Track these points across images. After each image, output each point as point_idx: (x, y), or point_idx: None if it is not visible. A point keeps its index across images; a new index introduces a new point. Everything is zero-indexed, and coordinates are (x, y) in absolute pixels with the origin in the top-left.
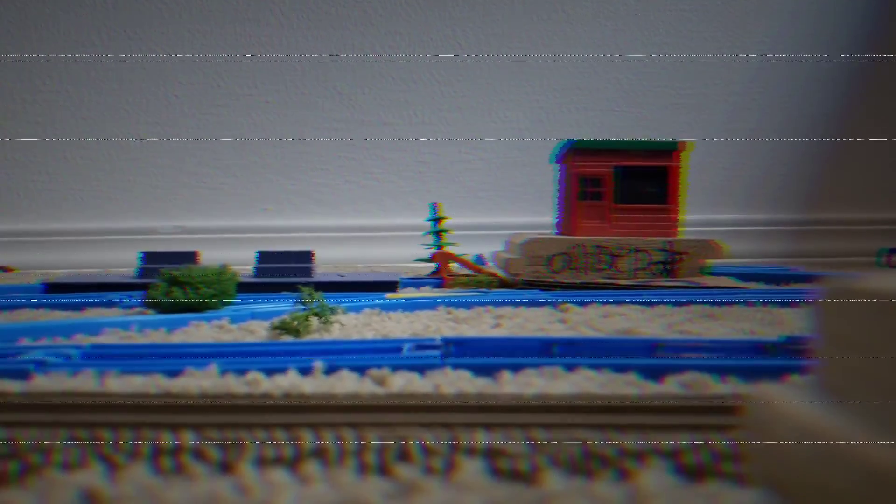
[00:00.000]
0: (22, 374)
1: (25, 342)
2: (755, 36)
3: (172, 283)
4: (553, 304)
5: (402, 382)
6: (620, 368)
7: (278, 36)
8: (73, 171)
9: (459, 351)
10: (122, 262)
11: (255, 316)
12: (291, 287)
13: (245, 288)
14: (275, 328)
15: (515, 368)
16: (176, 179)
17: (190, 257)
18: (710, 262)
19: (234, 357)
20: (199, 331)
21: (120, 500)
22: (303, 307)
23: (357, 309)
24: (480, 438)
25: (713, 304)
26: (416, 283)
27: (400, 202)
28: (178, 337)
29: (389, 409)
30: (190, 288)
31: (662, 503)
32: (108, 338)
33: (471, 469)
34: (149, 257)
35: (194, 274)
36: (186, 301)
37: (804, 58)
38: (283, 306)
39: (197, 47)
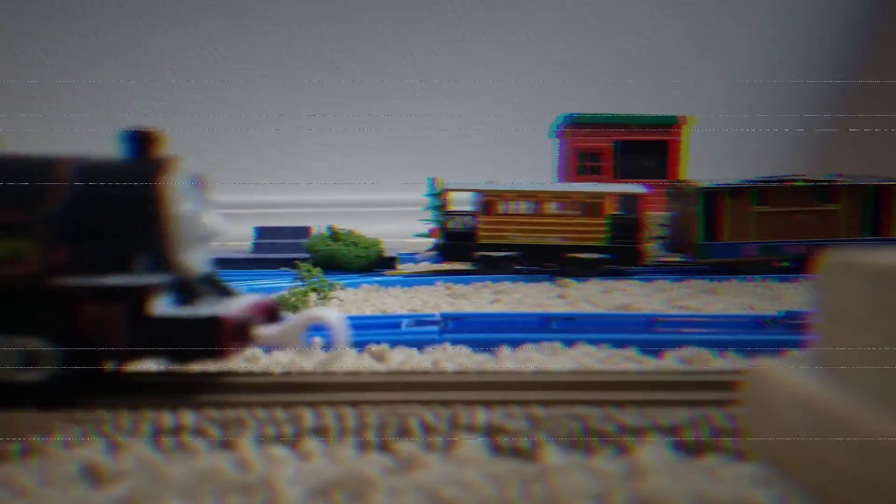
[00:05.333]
0: None
1: None
2: (758, 8)
3: (334, 238)
4: (552, 280)
5: (401, 358)
6: (619, 344)
7: (275, 11)
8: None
9: (458, 327)
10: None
11: (252, 292)
12: (289, 263)
13: (243, 264)
14: None
15: (515, 344)
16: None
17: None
18: None
19: None
20: None
21: (121, 475)
22: (301, 283)
23: (355, 285)
24: (480, 415)
25: (713, 279)
26: (414, 258)
27: (398, 177)
28: None
29: (389, 385)
30: (352, 245)
31: (661, 477)
32: None
33: (471, 445)
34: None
35: (355, 237)
36: (343, 254)
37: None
38: (282, 282)
39: (192, 21)
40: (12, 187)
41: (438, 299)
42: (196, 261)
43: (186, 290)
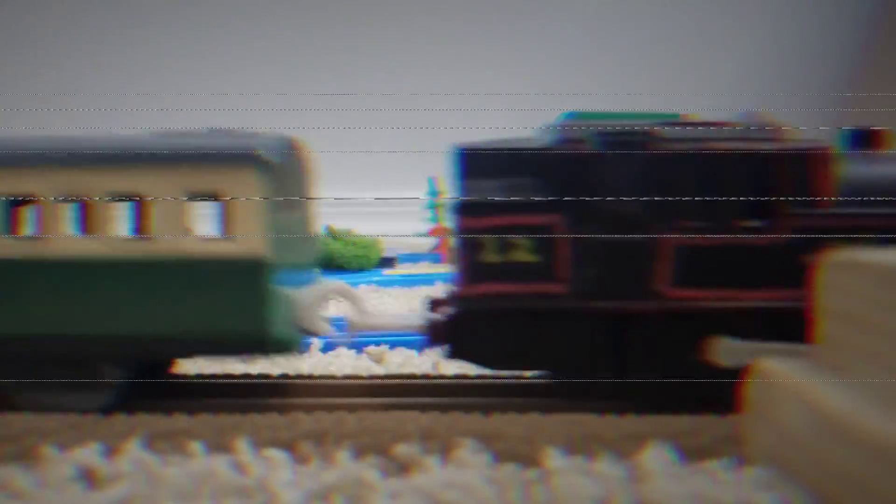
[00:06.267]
0: None
1: None
2: (761, 5)
3: (333, 237)
4: None
5: (400, 360)
6: None
7: (274, 11)
8: None
9: None
10: None
11: None
12: None
13: None
14: None
15: None
16: None
17: None
18: None
19: None
20: None
21: (117, 477)
22: None
23: (353, 285)
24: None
25: None
26: (414, 258)
27: (397, 175)
28: None
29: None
30: (351, 245)
31: (662, 480)
32: None
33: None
34: None
35: (353, 237)
36: (342, 254)
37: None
38: None
39: (192, 27)
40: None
41: None
42: None
43: None
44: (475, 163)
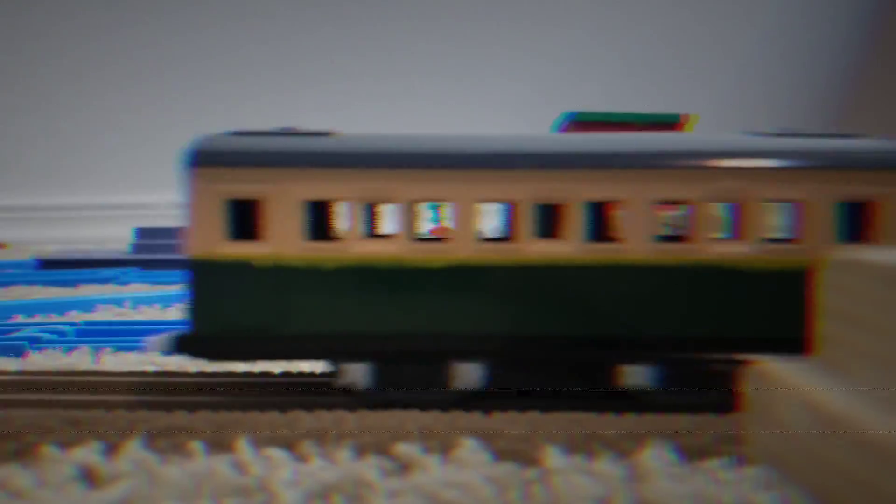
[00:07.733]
0: (17, 351)
1: (20, 319)
2: (763, 4)
3: None
4: None
5: None
6: None
7: (273, 9)
8: (65, 144)
9: None
10: (117, 237)
11: None
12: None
13: None
14: None
15: None
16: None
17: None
18: None
19: None
20: None
21: (117, 477)
22: None
23: None
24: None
25: None
26: None
27: None
28: (174, 313)
29: None
30: None
31: (662, 479)
32: (103, 314)
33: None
34: (143, 233)
35: None
36: None
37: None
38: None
39: (187, 19)
40: None
41: None
42: None
43: None
44: None
